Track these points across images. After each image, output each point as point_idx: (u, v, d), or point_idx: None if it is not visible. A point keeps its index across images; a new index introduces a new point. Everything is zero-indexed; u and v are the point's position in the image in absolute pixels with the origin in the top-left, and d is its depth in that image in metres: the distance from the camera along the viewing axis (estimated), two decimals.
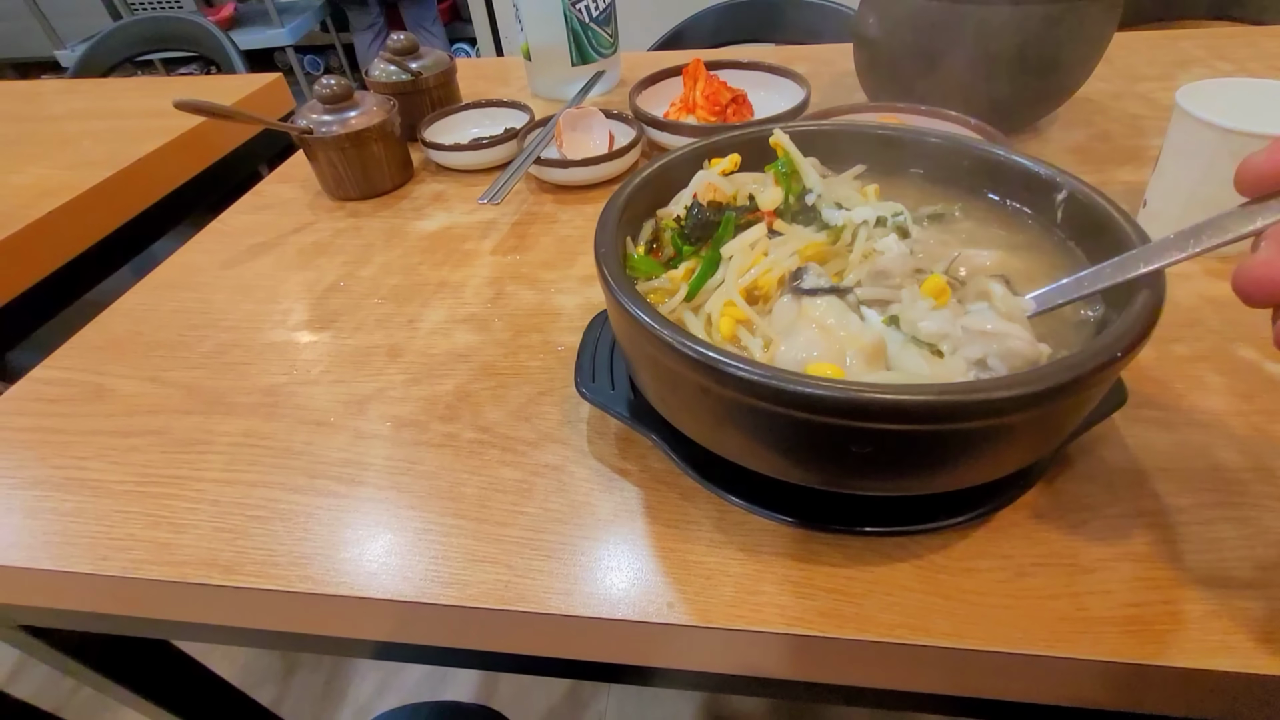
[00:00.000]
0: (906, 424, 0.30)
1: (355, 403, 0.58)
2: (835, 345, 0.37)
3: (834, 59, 1.19)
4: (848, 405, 0.30)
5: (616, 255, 0.42)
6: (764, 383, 0.31)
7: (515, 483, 0.50)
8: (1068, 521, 0.44)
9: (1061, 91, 0.85)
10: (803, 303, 0.39)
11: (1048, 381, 0.30)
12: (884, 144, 0.55)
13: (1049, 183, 0.47)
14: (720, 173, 0.50)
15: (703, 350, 0.33)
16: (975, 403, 0.29)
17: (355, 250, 0.79)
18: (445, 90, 1.01)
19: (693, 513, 0.47)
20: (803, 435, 0.33)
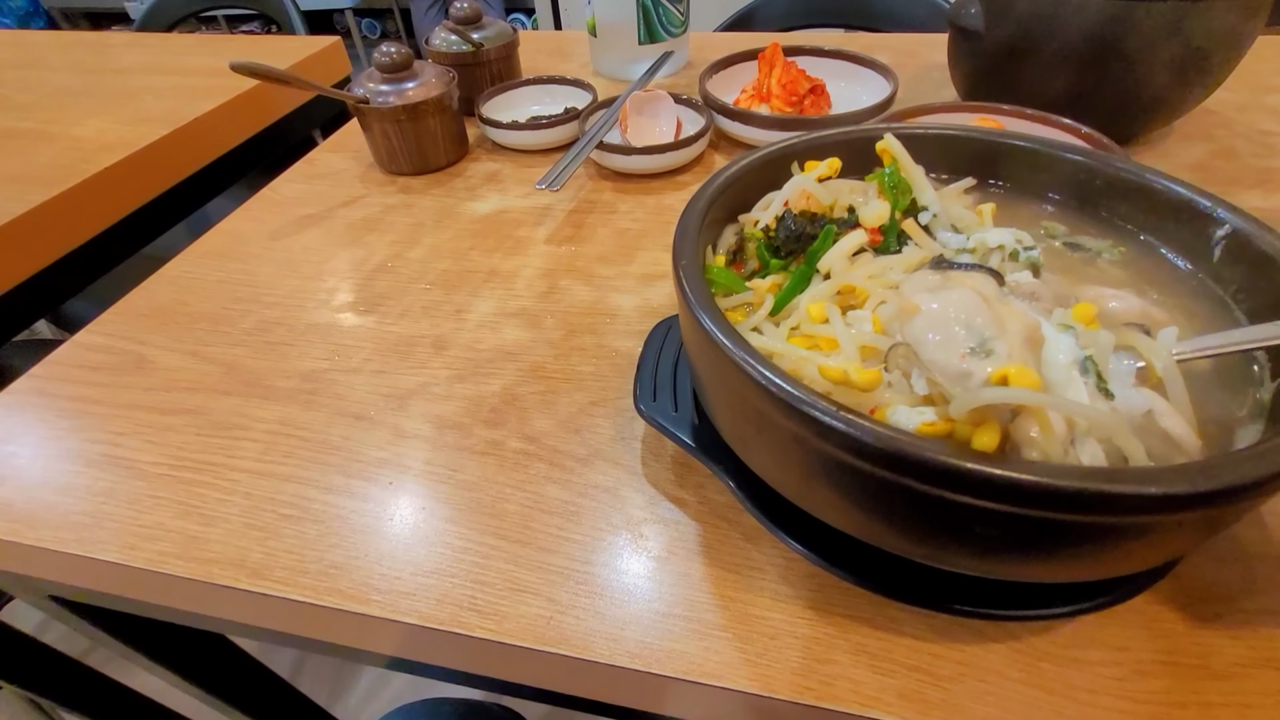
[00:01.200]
0: (1064, 512, 0.25)
1: (396, 397, 0.55)
2: (994, 312, 0.31)
3: (918, 50, 1.10)
4: (993, 485, 0.25)
5: (699, 268, 0.37)
6: (882, 446, 0.26)
7: (562, 503, 0.46)
8: (1196, 613, 0.38)
9: (1187, 101, 0.76)
10: (950, 273, 0.34)
11: (1254, 473, 0.24)
12: (1001, 155, 0.48)
13: (1205, 215, 0.40)
14: (817, 178, 0.44)
15: (803, 398, 0.28)
16: (1162, 498, 0.24)
17: (405, 229, 0.75)
18: (507, 64, 0.96)
19: (756, 557, 0.42)
20: (917, 508, 0.28)
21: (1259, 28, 0.71)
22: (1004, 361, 0.29)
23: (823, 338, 0.35)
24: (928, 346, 0.31)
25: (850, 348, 0.33)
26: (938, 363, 0.30)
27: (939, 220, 0.42)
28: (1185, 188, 0.41)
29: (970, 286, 0.33)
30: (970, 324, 0.31)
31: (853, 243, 0.38)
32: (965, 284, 0.33)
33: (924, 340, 0.31)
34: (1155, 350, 0.33)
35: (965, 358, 0.30)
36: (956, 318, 0.31)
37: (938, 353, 0.30)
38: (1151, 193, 0.43)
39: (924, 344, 0.31)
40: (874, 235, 0.41)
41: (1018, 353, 0.30)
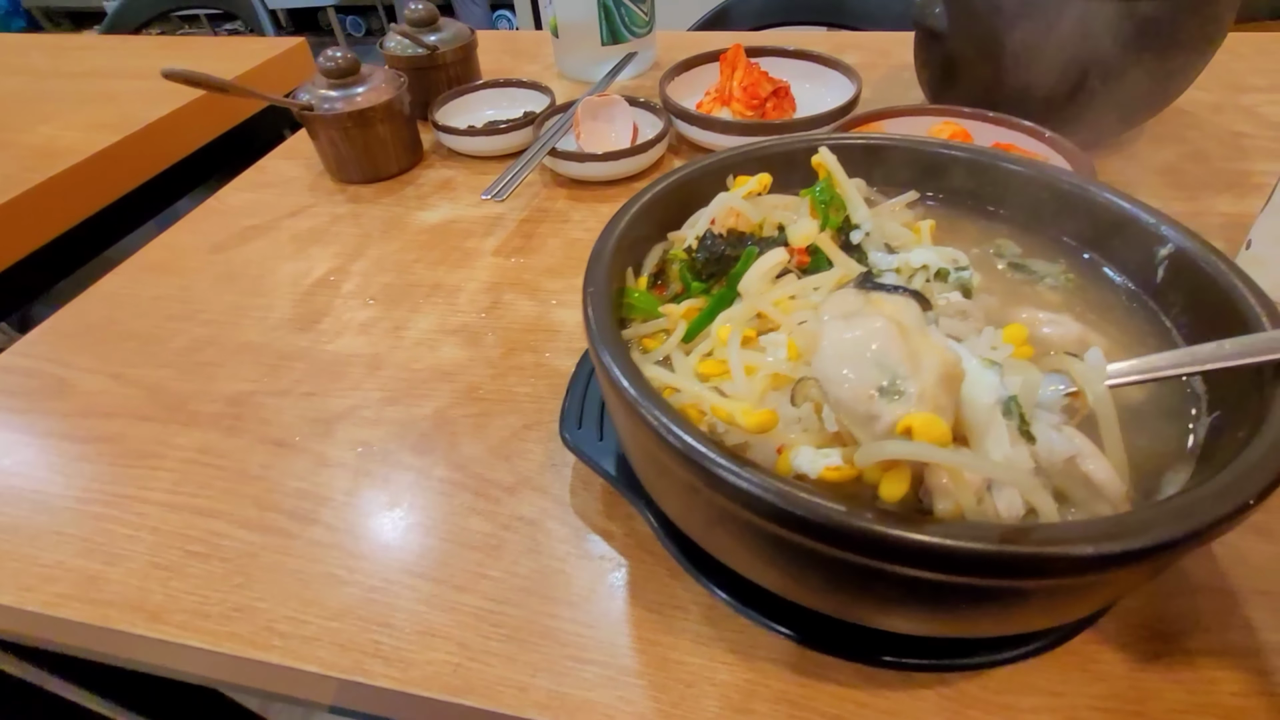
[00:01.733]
0: (965, 575, 0.23)
1: (324, 421, 0.53)
2: (909, 346, 0.28)
3: (893, 49, 1.08)
4: (886, 545, 0.23)
5: (607, 295, 0.35)
6: (770, 501, 0.24)
7: (484, 537, 0.44)
8: (1137, 653, 0.36)
9: (1156, 102, 0.74)
10: (871, 294, 0.31)
11: (1165, 532, 0.22)
12: (943, 166, 0.46)
13: (1149, 232, 0.38)
14: (745, 195, 0.42)
15: (694, 445, 0.26)
16: (1065, 558, 0.22)
17: (351, 240, 0.73)
18: (464, 66, 0.94)
19: (681, 595, 0.40)
20: (813, 563, 0.26)
21: (1226, 28, 0.69)
22: (914, 404, 0.27)
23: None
24: (834, 384, 0.29)
25: (743, 381, 0.31)
26: (844, 402, 0.28)
27: (872, 239, 0.40)
28: (1129, 202, 0.39)
29: (889, 313, 0.30)
30: (882, 359, 0.28)
31: (771, 263, 0.36)
32: (885, 309, 0.30)
33: (831, 376, 0.29)
34: (1089, 378, 0.31)
35: (873, 399, 0.27)
36: (868, 351, 0.28)
37: (845, 391, 0.28)
38: (1094, 206, 0.40)
39: (831, 380, 0.29)
40: (800, 255, 0.39)
41: (931, 393, 0.28)
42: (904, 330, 0.29)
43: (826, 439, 0.30)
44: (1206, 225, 0.66)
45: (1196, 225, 0.67)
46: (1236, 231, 0.65)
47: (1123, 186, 0.72)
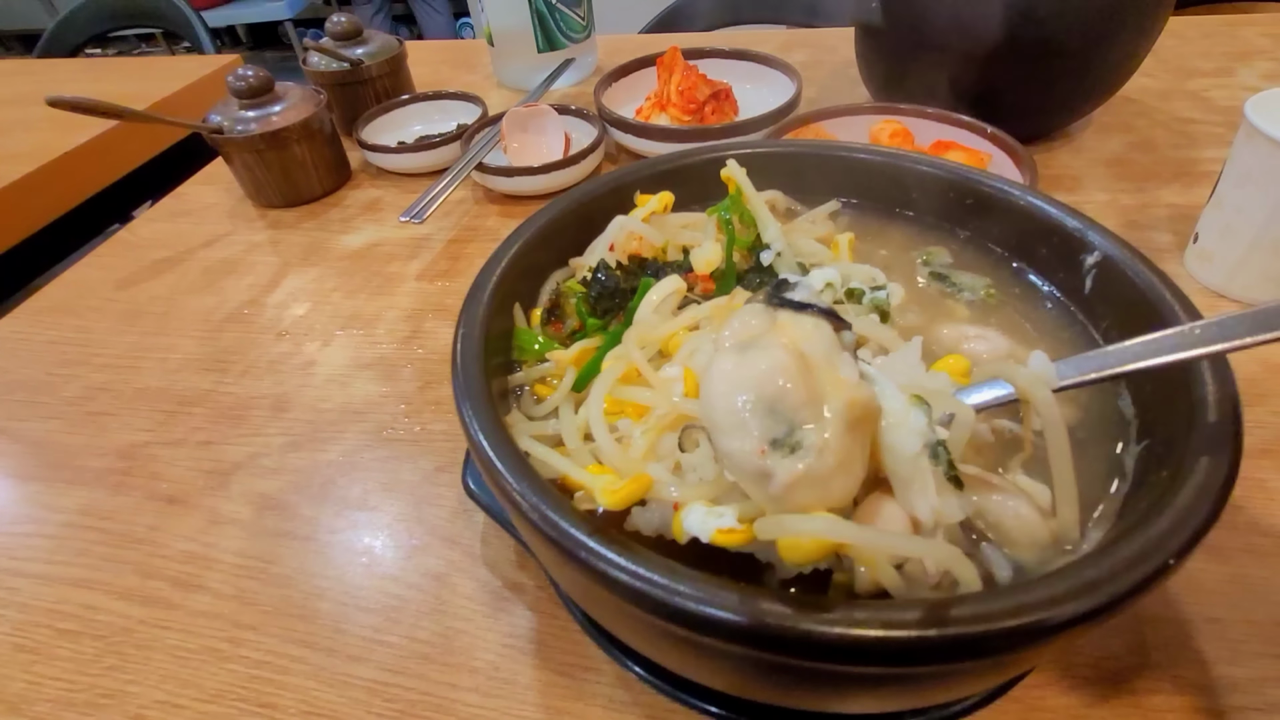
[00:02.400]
0: (870, 666, 0.20)
1: (220, 473, 0.49)
2: (810, 387, 0.24)
3: (839, 45, 1.05)
4: (783, 640, 0.19)
5: (480, 338, 0.31)
6: (659, 599, 0.21)
7: (384, 598, 0.40)
8: (1083, 697, 0.33)
9: (1100, 91, 0.72)
10: (779, 316, 0.27)
11: (1078, 606, 0.19)
12: (865, 171, 0.43)
13: (1076, 239, 0.35)
14: (646, 217, 0.39)
15: (577, 538, 0.23)
16: (979, 639, 0.19)
17: (268, 270, 0.69)
18: (393, 80, 0.90)
19: (593, 654, 0.37)
20: (702, 653, 0.23)
21: (1165, 16, 0.67)
22: (813, 459, 0.23)
23: (631, 404, 0.30)
24: (721, 434, 0.25)
25: (610, 449, 0.28)
26: (733, 456, 0.24)
27: (783, 259, 0.37)
28: (1055, 207, 0.36)
29: (790, 342, 0.26)
30: (777, 403, 0.24)
31: (662, 295, 0.33)
32: (787, 336, 0.26)
33: (717, 424, 0.25)
34: (1034, 384, 0.27)
35: (765, 453, 0.24)
36: (759, 393, 0.24)
37: (732, 444, 0.24)
38: (1019, 212, 0.38)
39: (717, 430, 0.25)
40: (705, 282, 0.36)
41: (836, 444, 0.24)
42: (806, 364, 0.26)
43: (725, 488, 0.27)
44: (1154, 218, 0.64)
45: (1144, 218, 0.65)
46: (1185, 223, 0.63)
47: (1069, 180, 0.71)
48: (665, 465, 0.28)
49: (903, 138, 0.70)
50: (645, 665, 0.32)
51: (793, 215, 0.43)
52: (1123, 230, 0.63)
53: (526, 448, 0.28)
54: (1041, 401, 0.27)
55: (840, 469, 0.24)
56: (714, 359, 0.26)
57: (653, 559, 0.22)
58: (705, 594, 0.20)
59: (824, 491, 0.23)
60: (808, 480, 0.23)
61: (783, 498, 0.23)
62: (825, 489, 0.23)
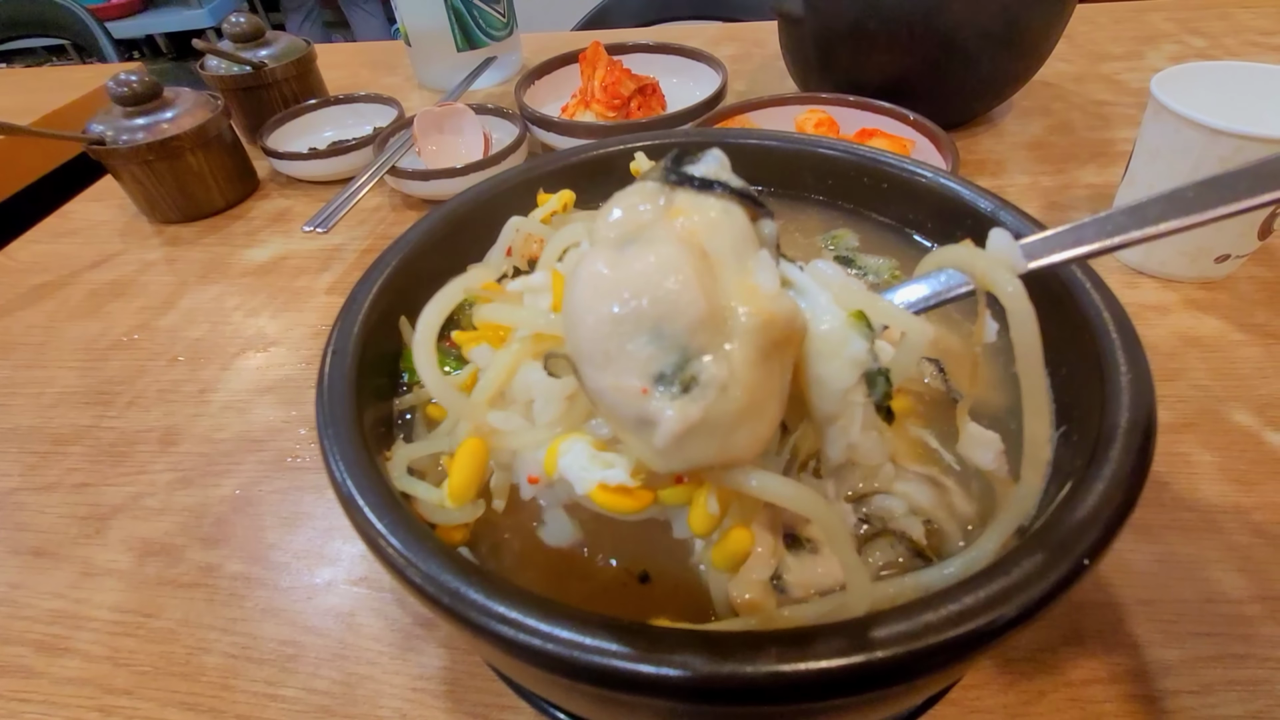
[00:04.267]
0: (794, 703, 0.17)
1: (96, 519, 0.44)
2: (707, 287, 0.18)
3: (767, 39, 1.05)
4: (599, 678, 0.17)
5: (353, 357, 0.28)
6: (511, 639, 0.18)
7: (278, 646, 0.36)
8: (1018, 694, 0.32)
9: (1017, 76, 0.72)
10: (677, 199, 0.20)
11: (995, 615, 0.17)
12: (781, 161, 0.41)
13: (985, 219, 0.34)
14: (545, 218, 0.36)
15: (429, 578, 0.20)
16: (896, 665, 0.17)
17: (161, 290, 0.63)
18: (302, 83, 0.85)
19: (508, 693, 0.34)
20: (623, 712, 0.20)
21: (1073, 4, 0.68)
22: (712, 397, 0.17)
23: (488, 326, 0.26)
24: (590, 364, 0.19)
25: (441, 390, 0.24)
26: (604, 395, 0.19)
27: None
28: (967, 188, 0.35)
29: (686, 232, 0.19)
30: (664, 321, 0.18)
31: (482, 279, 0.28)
32: (684, 224, 0.19)
33: (584, 352, 0.19)
34: (996, 272, 0.22)
35: (648, 392, 0.18)
36: (640, 308, 0.18)
37: (604, 376, 0.18)
38: (929, 193, 0.36)
39: (584, 359, 0.19)
40: None
41: (743, 376, 0.18)
42: (708, 265, 0.19)
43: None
44: (1074, 198, 0.65)
45: (1065, 198, 0.66)
46: (1103, 202, 0.64)
47: (993, 164, 0.71)
48: (539, 402, 0.22)
49: (828, 127, 0.69)
50: (565, 711, 0.30)
51: None
52: (1044, 210, 0.64)
53: (404, 487, 0.25)
54: (1008, 293, 0.21)
55: (749, 412, 0.18)
56: (583, 257, 0.20)
57: (534, 601, 0.19)
58: (610, 645, 0.17)
59: (725, 442, 0.18)
60: (704, 428, 0.18)
61: (670, 451, 0.18)
62: (727, 439, 0.18)
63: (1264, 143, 0.45)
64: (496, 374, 0.23)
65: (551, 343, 0.23)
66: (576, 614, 0.18)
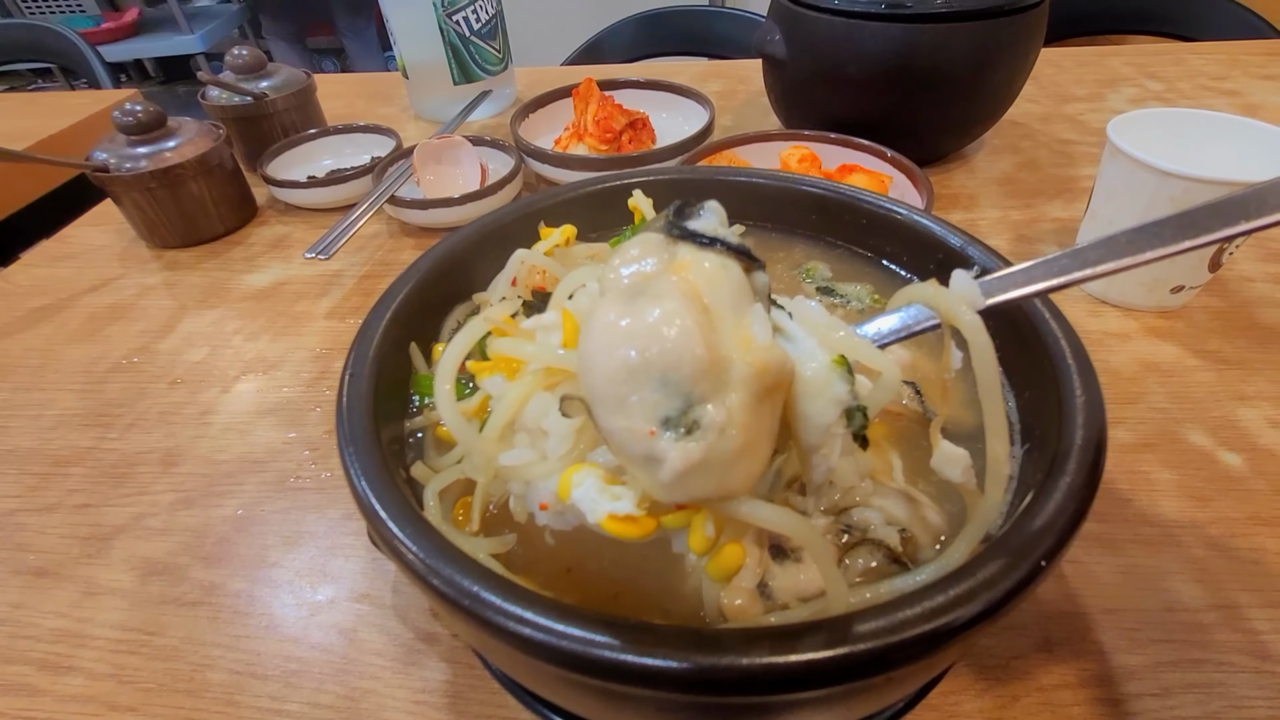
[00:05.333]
0: (763, 695, 0.19)
1: (98, 539, 0.44)
2: (707, 339, 0.20)
3: (752, 76, 1.10)
4: (658, 678, 0.19)
5: (370, 379, 0.30)
6: (528, 637, 0.20)
7: (281, 662, 0.37)
8: (994, 699, 0.34)
9: (986, 117, 0.77)
10: (679, 252, 0.23)
11: (961, 611, 0.19)
12: (768, 196, 0.44)
13: (958, 255, 0.37)
14: (548, 250, 0.38)
15: (443, 574, 0.21)
16: (876, 657, 0.19)
17: (161, 315, 0.65)
18: (301, 114, 0.87)
19: (512, 703, 0.35)
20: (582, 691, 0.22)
21: (1038, 47, 0.73)
22: (713, 438, 0.20)
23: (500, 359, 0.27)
24: (603, 407, 0.21)
25: (456, 425, 0.26)
26: (615, 435, 0.21)
27: None
28: (936, 224, 0.38)
29: (689, 287, 0.21)
30: (670, 371, 0.20)
31: (501, 314, 0.30)
32: (685, 278, 0.22)
33: (598, 396, 0.21)
34: (958, 308, 0.24)
35: (654, 435, 0.20)
36: (649, 358, 0.20)
37: (615, 418, 0.20)
38: (901, 228, 0.39)
39: (598, 402, 0.21)
40: None
41: (740, 420, 0.20)
42: (709, 318, 0.21)
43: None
44: (1041, 231, 0.69)
45: (1033, 231, 0.70)
46: (1068, 235, 0.68)
47: (965, 199, 0.75)
48: (553, 439, 0.24)
49: (810, 162, 0.73)
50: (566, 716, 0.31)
51: None
52: (1013, 243, 0.67)
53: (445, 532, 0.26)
54: (967, 325, 0.24)
55: (744, 452, 0.21)
56: (596, 306, 0.22)
57: (547, 604, 0.20)
58: (619, 641, 0.19)
59: (722, 478, 0.20)
60: (704, 466, 0.20)
61: (673, 486, 0.20)
62: (725, 475, 0.21)
63: (1210, 184, 0.48)
64: (510, 405, 0.25)
65: (561, 376, 0.25)
66: (588, 614, 0.20)
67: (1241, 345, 0.53)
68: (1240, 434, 0.46)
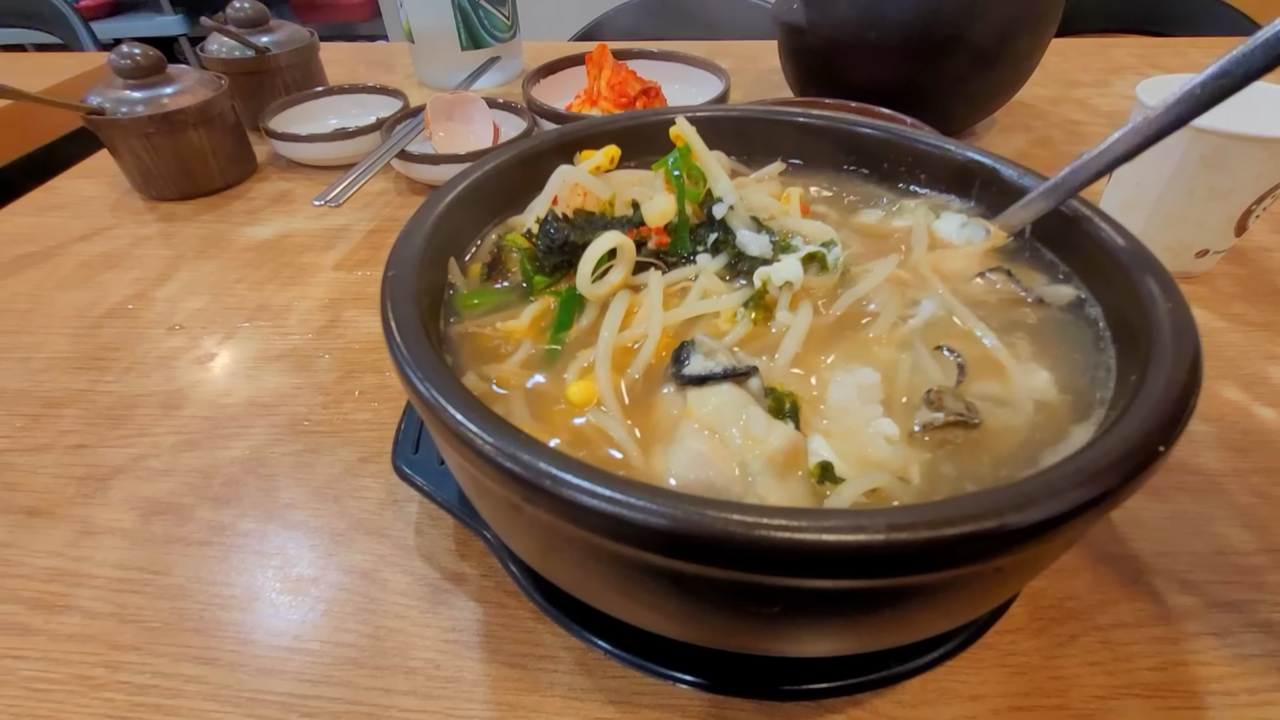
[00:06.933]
0: (835, 578, 0.18)
1: (96, 479, 0.42)
2: (727, 458, 0.25)
3: (759, 55, 1.09)
4: (725, 548, 0.17)
5: (411, 281, 0.28)
6: (585, 504, 0.18)
7: (298, 601, 0.35)
8: (1052, 638, 0.33)
9: (1005, 88, 0.77)
10: (688, 397, 0.27)
11: (1054, 505, 0.18)
12: (811, 135, 0.43)
13: (1014, 186, 0.36)
14: (592, 170, 0.36)
15: (495, 442, 0.20)
16: (944, 544, 0.17)
17: (158, 263, 0.62)
18: (303, 72, 0.84)
19: (548, 641, 0.33)
20: (671, 587, 0.20)
21: (1056, 17, 0.73)
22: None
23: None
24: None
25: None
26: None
27: (737, 212, 0.36)
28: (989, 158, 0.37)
29: (700, 425, 0.26)
30: (711, 487, 0.25)
31: (600, 250, 0.30)
32: (700, 415, 0.26)
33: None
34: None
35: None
36: (694, 483, 0.25)
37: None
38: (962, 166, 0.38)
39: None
40: (659, 236, 0.34)
41: (774, 496, 0.24)
42: (720, 438, 0.26)
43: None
44: None
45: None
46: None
47: None
48: None
49: None
50: (612, 639, 0.29)
51: (740, 175, 0.42)
52: None
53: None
54: None
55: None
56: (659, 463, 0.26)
57: (626, 482, 0.19)
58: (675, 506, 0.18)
59: None
60: None
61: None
62: None
63: (1243, 140, 0.48)
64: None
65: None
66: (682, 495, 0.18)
67: (1266, 309, 0.53)
68: (1274, 390, 0.46)
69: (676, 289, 0.32)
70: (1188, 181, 0.52)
